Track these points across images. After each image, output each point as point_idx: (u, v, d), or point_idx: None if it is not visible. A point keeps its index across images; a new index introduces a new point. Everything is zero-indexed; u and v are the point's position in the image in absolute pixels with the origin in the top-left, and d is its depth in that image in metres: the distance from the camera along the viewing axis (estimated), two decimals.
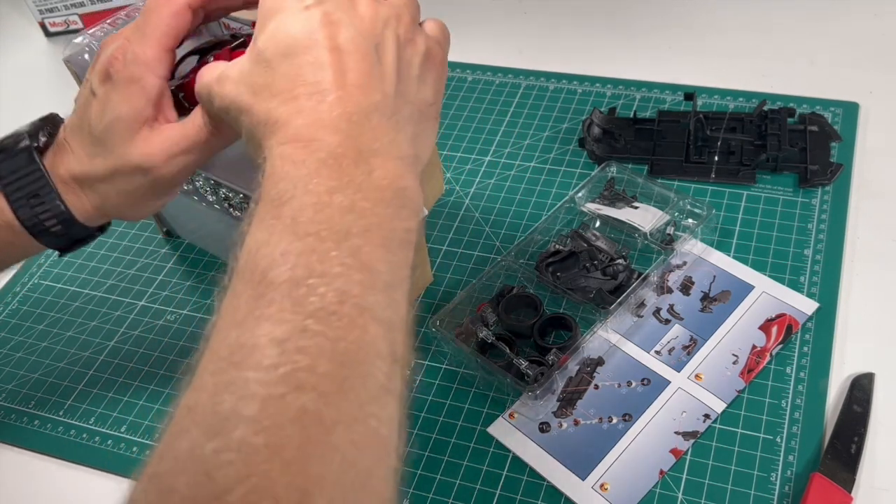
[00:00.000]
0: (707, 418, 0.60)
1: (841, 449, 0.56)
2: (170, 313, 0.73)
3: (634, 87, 0.87)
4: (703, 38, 0.92)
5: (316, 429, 0.33)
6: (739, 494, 0.56)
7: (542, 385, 0.61)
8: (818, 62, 0.86)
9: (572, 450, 0.59)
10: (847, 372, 0.62)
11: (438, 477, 0.60)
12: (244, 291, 0.36)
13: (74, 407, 0.68)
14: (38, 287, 0.78)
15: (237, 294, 0.36)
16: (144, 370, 0.70)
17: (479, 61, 0.92)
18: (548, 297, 0.68)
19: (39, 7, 1.05)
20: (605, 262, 0.68)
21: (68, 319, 0.74)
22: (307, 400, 0.33)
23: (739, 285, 0.67)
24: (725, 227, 0.72)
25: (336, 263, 0.36)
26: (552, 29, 0.97)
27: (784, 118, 0.77)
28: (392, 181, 0.39)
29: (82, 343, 0.72)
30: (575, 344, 0.63)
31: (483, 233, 0.75)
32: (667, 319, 0.66)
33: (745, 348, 0.63)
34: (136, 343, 0.72)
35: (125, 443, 0.65)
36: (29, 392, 0.69)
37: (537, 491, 0.58)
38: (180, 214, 0.76)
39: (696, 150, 0.77)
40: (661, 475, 0.57)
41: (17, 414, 0.68)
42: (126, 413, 0.67)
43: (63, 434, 0.66)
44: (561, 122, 0.84)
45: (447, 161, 0.82)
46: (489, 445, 0.61)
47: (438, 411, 0.63)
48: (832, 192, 0.73)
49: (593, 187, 0.74)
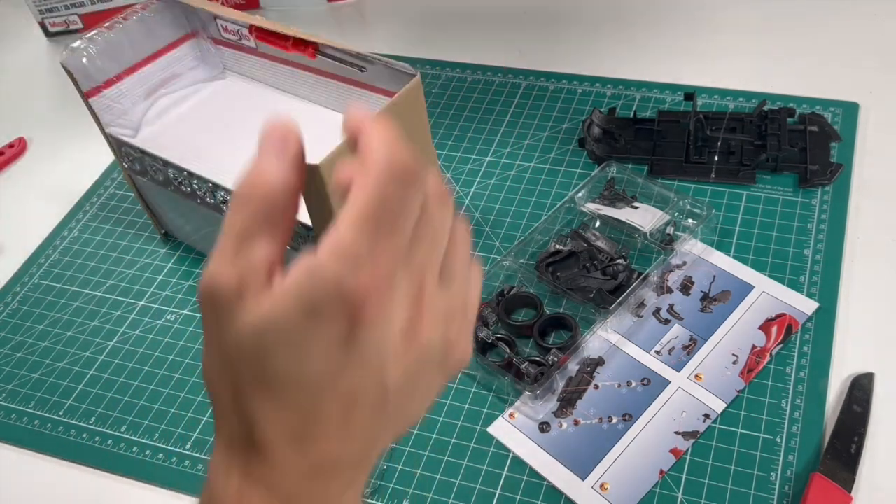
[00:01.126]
0: (707, 418, 0.60)
1: (841, 449, 0.56)
2: (170, 313, 0.73)
3: (634, 87, 0.87)
4: (703, 38, 0.92)
5: None
6: (739, 494, 0.56)
7: (542, 385, 0.61)
8: (818, 62, 0.86)
9: (572, 450, 0.59)
10: (847, 372, 0.62)
11: (438, 477, 0.60)
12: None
13: (74, 407, 0.68)
14: (38, 287, 0.78)
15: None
16: (144, 370, 0.70)
17: (479, 61, 0.92)
18: (548, 297, 0.68)
19: (39, 7, 1.05)
20: (605, 262, 0.68)
21: (68, 319, 0.75)
22: None
23: (739, 285, 0.67)
24: (725, 227, 0.72)
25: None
26: (552, 29, 0.97)
27: (784, 118, 0.77)
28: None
29: (82, 343, 0.72)
30: (575, 344, 0.63)
31: (483, 233, 0.75)
32: (667, 319, 0.66)
33: (745, 348, 0.63)
34: (136, 343, 0.72)
35: (125, 443, 0.65)
36: (29, 392, 0.69)
37: (537, 491, 0.58)
38: (178, 216, 0.76)
39: (696, 150, 0.77)
40: (661, 475, 0.57)
41: (17, 414, 0.68)
42: (126, 413, 0.67)
43: (63, 434, 0.66)
44: (561, 122, 0.84)
45: (447, 161, 0.82)
46: (489, 445, 0.61)
47: (438, 411, 0.63)
48: (832, 192, 0.73)
49: (593, 187, 0.74)
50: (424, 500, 0.59)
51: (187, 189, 0.68)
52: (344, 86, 0.68)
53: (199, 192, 0.67)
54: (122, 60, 0.71)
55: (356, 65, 0.65)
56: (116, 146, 0.72)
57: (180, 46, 0.75)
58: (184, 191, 0.69)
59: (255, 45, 0.73)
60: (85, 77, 0.68)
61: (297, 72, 0.71)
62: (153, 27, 0.72)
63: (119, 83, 0.71)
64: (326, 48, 0.66)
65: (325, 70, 0.69)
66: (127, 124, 0.72)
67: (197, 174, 0.66)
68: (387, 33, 1.00)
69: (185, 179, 0.68)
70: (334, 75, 0.68)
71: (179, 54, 0.75)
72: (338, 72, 0.68)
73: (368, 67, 0.65)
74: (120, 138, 0.71)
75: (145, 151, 0.69)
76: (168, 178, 0.69)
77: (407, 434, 0.62)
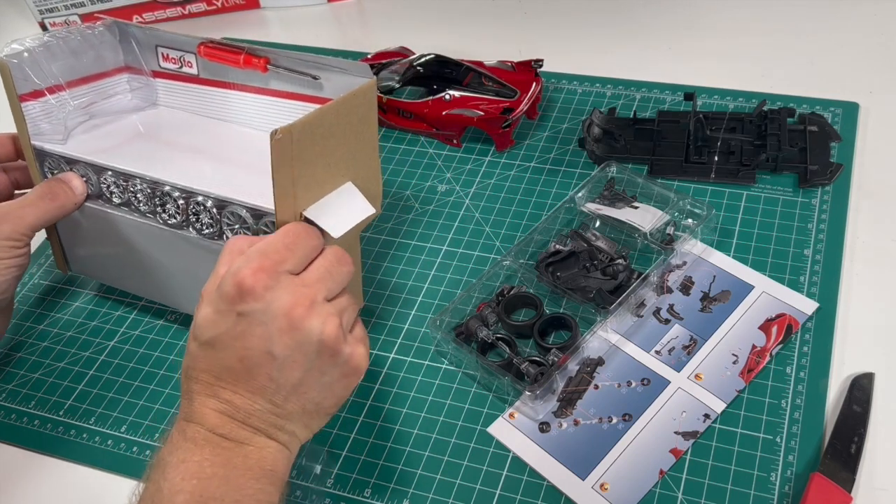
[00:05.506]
0: (707, 418, 0.60)
1: (841, 449, 0.56)
2: (170, 313, 0.73)
3: (634, 87, 0.87)
4: (703, 38, 0.92)
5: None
6: (739, 494, 0.56)
7: (542, 385, 0.61)
8: (818, 62, 0.86)
9: (572, 450, 0.59)
10: (847, 372, 0.62)
11: (438, 477, 0.60)
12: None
13: (74, 407, 0.68)
14: (38, 287, 0.78)
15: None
16: (144, 370, 0.70)
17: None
18: (548, 297, 0.68)
19: (39, 7, 1.05)
20: (605, 262, 0.68)
21: (68, 319, 0.75)
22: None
23: (739, 285, 0.67)
24: (725, 227, 0.72)
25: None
26: (552, 29, 0.97)
27: (784, 118, 0.77)
28: (263, 464, 0.50)
29: (82, 343, 0.72)
30: (575, 344, 0.63)
31: (483, 233, 0.75)
32: (667, 319, 0.66)
33: (745, 348, 0.63)
34: (136, 343, 0.72)
35: (125, 443, 0.65)
36: (29, 392, 0.69)
37: (537, 491, 0.58)
38: (92, 244, 0.71)
39: (696, 151, 0.77)
40: (661, 475, 0.57)
41: (17, 414, 0.68)
42: (126, 413, 0.67)
43: (63, 434, 0.66)
44: (561, 122, 0.84)
45: (447, 161, 0.82)
46: (489, 445, 0.61)
47: (438, 411, 0.63)
48: (832, 192, 0.73)
49: (593, 187, 0.74)
50: (424, 500, 0.59)
51: (119, 199, 0.65)
52: (291, 103, 0.66)
53: (135, 197, 0.64)
54: (57, 73, 0.68)
55: (308, 74, 0.64)
56: (38, 159, 0.68)
57: (115, 76, 0.72)
58: (114, 202, 0.66)
59: (196, 73, 0.70)
60: (22, 79, 0.65)
61: (242, 95, 0.69)
62: (94, 48, 0.70)
63: (51, 96, 0.68)
64: (280, 59, 0.65)
65: (275, 89, 0.67)
66: (50, 138, 0.68)
67: (138, 174, 0.63)
68: (387, 33, 1.00)
69: (116, 184, 0.65)
70: (285, 93, 0.67)
71: (113, 82, 0.72)
72: (290, 87, 0.66)
73: (323, 77, 0.63)
74: (44, 149, 0.67)
75: (76, 159, 0.66)
76: (100, 191, 0.66)
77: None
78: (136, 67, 0.73)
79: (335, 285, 0.52)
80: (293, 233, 0.52)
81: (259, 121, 0.69)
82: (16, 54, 0.65)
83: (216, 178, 0.63)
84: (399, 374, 0.66)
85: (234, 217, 0.60)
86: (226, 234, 0.61)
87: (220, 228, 0.62)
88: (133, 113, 0.73)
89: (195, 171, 0.64)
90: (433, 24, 1.00)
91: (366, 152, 0.61)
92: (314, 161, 0.55)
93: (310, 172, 0.55)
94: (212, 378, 0.50)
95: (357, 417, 0.64)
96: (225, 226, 0.61)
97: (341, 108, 0.57)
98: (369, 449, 0.62)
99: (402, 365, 0.67)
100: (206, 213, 0.62)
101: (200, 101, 0.72)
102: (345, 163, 0.58)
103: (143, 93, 0.74)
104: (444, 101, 0.81)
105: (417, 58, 0.85)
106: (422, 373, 0.66)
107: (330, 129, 0.56)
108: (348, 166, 0.59)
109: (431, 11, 1.02)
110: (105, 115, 0.72)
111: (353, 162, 0.59)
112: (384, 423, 0.63)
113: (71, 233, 0.71)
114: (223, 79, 0.70)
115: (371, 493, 0.59)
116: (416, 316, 0.70)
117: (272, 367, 0.49)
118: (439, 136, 0.84)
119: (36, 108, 0.67)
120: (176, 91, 0.73)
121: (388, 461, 0.61)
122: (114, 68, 0.72)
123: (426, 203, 0.79)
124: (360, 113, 0.58)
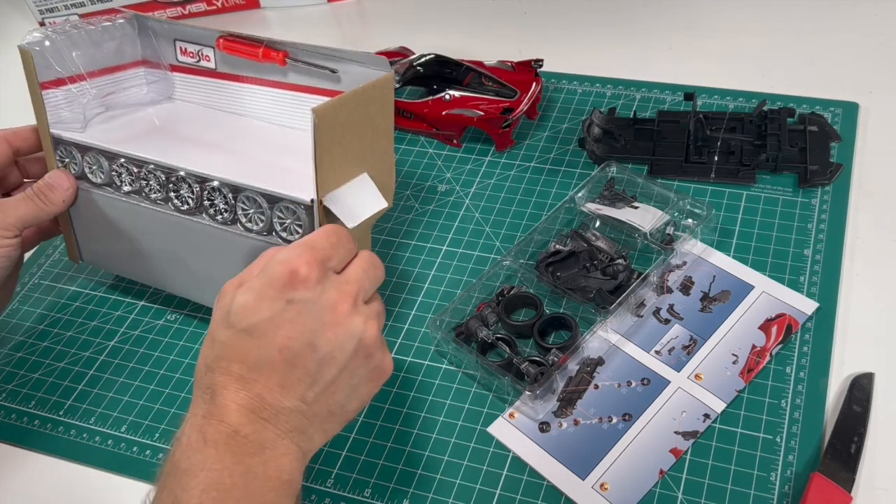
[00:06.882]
0: (707, 418, 0.60)
1: (841, 449, 0.56)
2: (170, 313, 0.73)
3: (634, 87, 0.87)
4: (703, 38, 0.92)
5: None
6: (739, 494, 0.56)
7: (542, 385, 0.61)
8: (818, 62, 0.86)
9: (572, 450, 0.59)
10: (847, 372, 0.62)
11: (438, 477, 0.60)
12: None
13: (74, 407, 0.68)
14: (38, 287, 0.78)
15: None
16: (144, 370, 0.70)
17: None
18: (548, 297, 0.68)
19: (39, 7, 1.05)
20: (605, 262, 0.68)
21: (68, 319, 0.75)
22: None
23: (739, 285, 0.67)
24: (725, 227, 0.72)
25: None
26: (552, 29, 0.97)
27: (784, 118, 0.77)
28: (281, 475, 0.48)
29: (82, 343, 0.72)
30: (575, 344, 0.63)
31: (483, 233, 0.75)
32: (667, 319, 0.66)
33: (745, 348, 0.63)
34: (136, 343, 0.72)
35: (125, 442, 0.65)
36: (29, 392, 0.69)
37: (537, 491, 0.58)
38: (104, 233, 0.70)
39: (696, 151, 0.77)
40: (661, 475, 0.57)
41: (17, 414, 0.68)
42: (126, 413, 0.67)
43: (63, 434, 0.66)
44: (561, 122, 0.84)
45: (447, 161, 0.82)
46: (489, 445, 0.61)
47: (438, 411, 0.63)
48: (832, 192, 0.73)
49: (593, 187, 0.74)
50: (424, 500, 0.59)
51: (129, 187, 0.66)
52: (308, 97, 0.67)
53: (148, 184, 0.65)
54: (78, 63, 0.68)
55: (327, 68, 0.64)
56: (54, 146, 0.68)
57: (132, 69, 0.73)
58: (124, 190, 0.66)
59: (214, 67, 0.71)
60: (45, 67, 0.65)
61: (258, 89, 0.69)
62: (114, 40, 0.70)
63: (72, 84, 0.68)
64: (298, 52, 0.65)
65: (292, 83, 0.67)
66: (69, 127, 0.68)
67: (152, 160, 0.64)
68: (387, 33, 1.00)
69: (129, 171, 0.65)
70: (302, 87, 0.67)
71: (130, 75, 0.73)
72: (307, 81, 0.66)
73: (341, 70, 0.63)
74: (61, 136, 0.67)
75: (90, 146, 0.66)
76: (110, 178, 0.66)
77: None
78: (154, 61, 0.73)
79: (371, 287, 0.53)
80: (335, 233, 0.53)
81: (275, 115, 0.70)
82: (38, 42, 0.65)
83: (230, 168, 0.63)
84: (399, 374, 0.66)
85: (250, 202, 0.60)
86: (240, 220, 0.61)
87: (234, 214, 0.61)
88: (149, 106, 0.74)
89: (210, 161, 0.64)
90: (433, 24, 1.00)
91: (381, 144, 0.61)
92: (334, 147, 0.56)
93: (329, 158, 0.56)
94: (245, 369, 0.48)
95: (357, 417, 0.64)
96: (240, 210, 0.61)
97: (360, 98, 0.57)
98: (369, 449, 0.62)
99: (402, 365, 0.67)
100: (221, 198, 0.61)
101: (217, 95, 0.72)
102: (361, 153, 0.59)
103: (159, 86, 0.74)
104: (444, 101, 0.81)
105: (417, 58, 0.85)
106: (422, 373, 0.66)
107: (349, 118, 0.56)
108: (364, 157, 0.59)
109: (431, 11, 1.02)
110: (120, 108, 0.72)
111: (370, 153, 0.59)
112: (384, 423, 0.63)
113: (84, 222, 0.71)
114: (240, 72, 0.70)
115: (371, 493, 0.59)
116: (416, 316, 0.70)
117: (311, 361, 0.49)
118: (439, 136, 0.84)
119: (57, 95, 0.67)
120: (192, 85, 0.73)
121: (388, 461, 0.61)
122: (131, 62, 0.73)
123: (426, 203, 0.79)
124: (377, 104, 0.59)
